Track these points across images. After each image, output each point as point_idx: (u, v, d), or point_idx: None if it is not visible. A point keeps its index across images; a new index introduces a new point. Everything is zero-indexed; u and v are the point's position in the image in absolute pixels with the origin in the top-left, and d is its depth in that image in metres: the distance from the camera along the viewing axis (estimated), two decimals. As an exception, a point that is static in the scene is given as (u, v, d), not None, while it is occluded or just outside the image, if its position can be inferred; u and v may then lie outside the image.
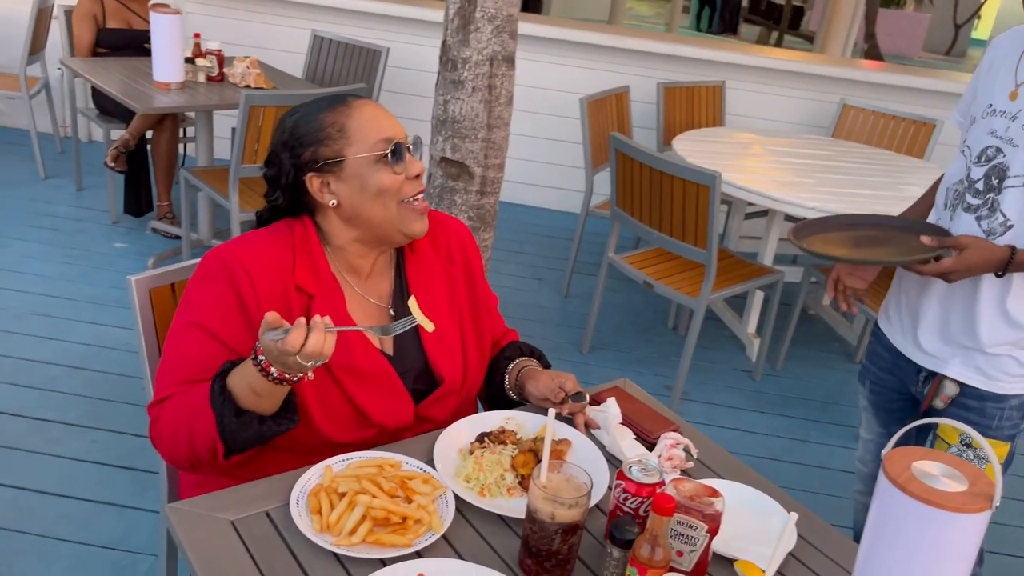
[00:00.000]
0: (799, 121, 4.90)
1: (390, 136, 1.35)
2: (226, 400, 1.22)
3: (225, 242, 1.38)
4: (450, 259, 1.53)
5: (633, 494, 1.16)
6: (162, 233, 4.01)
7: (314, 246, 1.38)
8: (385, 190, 1.35)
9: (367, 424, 1.38)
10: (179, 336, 1.33)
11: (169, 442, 1.30)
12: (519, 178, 4.90)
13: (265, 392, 1.22)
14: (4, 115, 5.16)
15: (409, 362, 1.44)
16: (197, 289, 1.35)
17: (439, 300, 1.49)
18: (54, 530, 2.19)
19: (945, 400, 1.71)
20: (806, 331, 3.92)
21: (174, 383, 1.31)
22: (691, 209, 2.87)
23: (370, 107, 1.38)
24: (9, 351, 2.93)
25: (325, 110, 1.37)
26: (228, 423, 1.21)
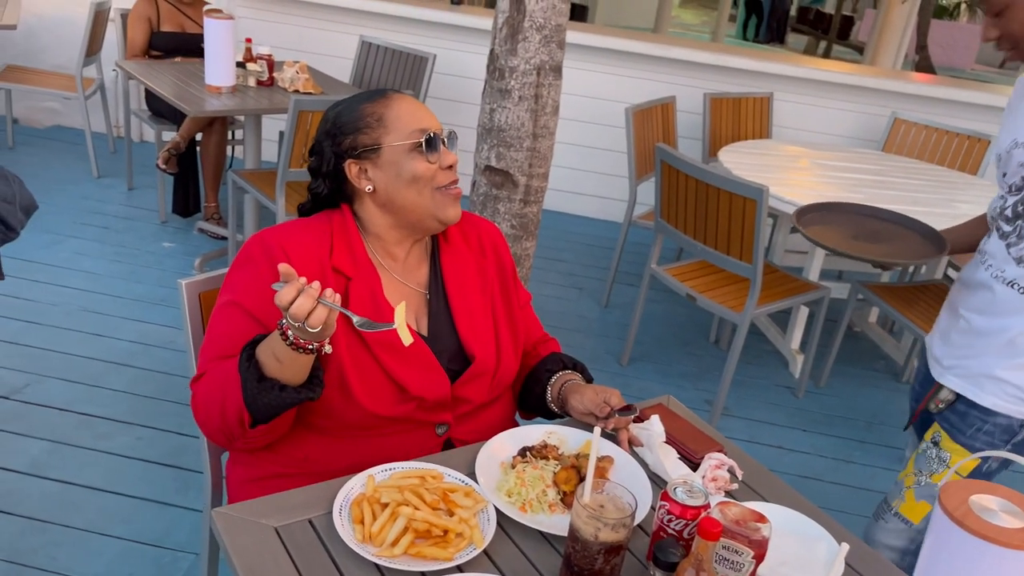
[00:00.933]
0: (849, 134, 4.81)
1: (425, 127, 1.42)
2: (251, 367, 1.26)
3: (267, 228, 1.44)
4: (482, 253, 1.59)
5: (678, 516, 1.14)
6: (209, 234, 4.08)
7: (352, 232, 1.45)
8: (419, 177, 1.41)
9: (407, 397, 1.41)
10: (218, 315, 1.39)
11: (204, 414, 1.34)
12: (562, 186, 4.90)
13: (287, 359, 1.24)
14: (60, 114, 5.30)
15: (443, 343, 1.49)
16: (237, 271, 1.41)
17: (472, 287, 1.54)
18: (98, 525, 2.23)
19: (938, 404, 1.73)
20: (851, 348, 3.85)
21: (211, 359, 1.36)
22: (737, 222, 2.83)
23: (408, 100, 1.45)
24: (59, 347, 3.00)
25: (365, 101, 1.45)
26: (250, 388, 1.25)
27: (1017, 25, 1.55)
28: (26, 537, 2.16)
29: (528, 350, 1.67)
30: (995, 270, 1.64)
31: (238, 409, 1.27)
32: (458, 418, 1.49)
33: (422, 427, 1.45)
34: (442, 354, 1.46)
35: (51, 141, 5.09)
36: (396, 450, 1.40)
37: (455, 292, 1.51)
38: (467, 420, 1.50)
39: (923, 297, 3.24)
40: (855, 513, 2.74)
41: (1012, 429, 1.64)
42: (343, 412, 1.38)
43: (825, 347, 3.52)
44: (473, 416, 1.51)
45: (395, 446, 1.41)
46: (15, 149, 4.83)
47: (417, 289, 1.50)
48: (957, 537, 0.94)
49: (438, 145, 1.43)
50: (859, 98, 4.75)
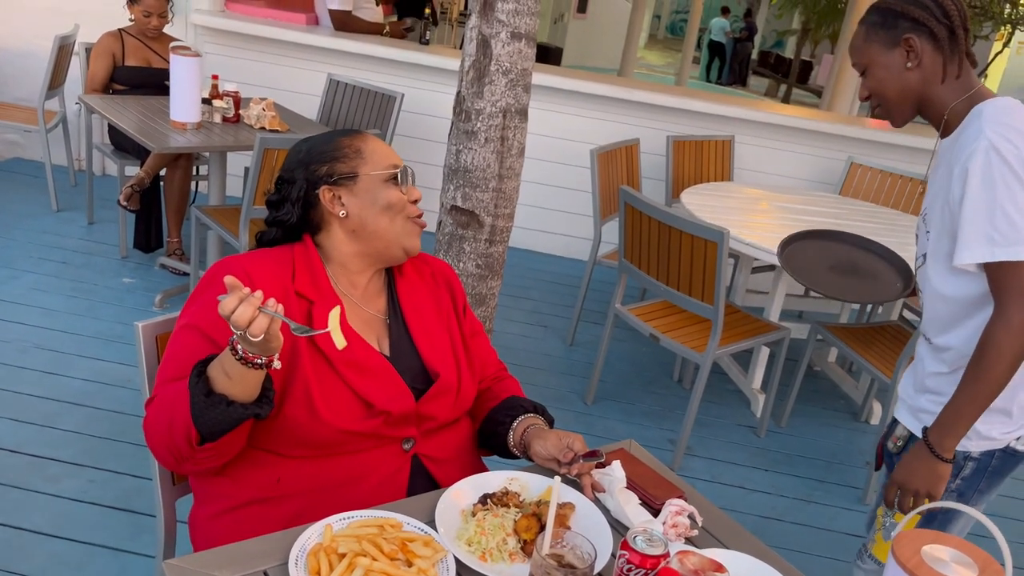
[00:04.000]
0: (807, 177, 4.93)
1: (396, 163, 1.54)
2: (200, 382, 1.25)
3: (231, 255, 1.48)
4: (435, 284, 1.66)
5: (637, 565, 1.14)
6: (171, 269, 4.02)
7: (314, 260, 1.49)
8: (393, 205, 1.50)
9: (373, 412, 1.42)
10: (174, 338, 1.41)
11: (153, 431, 1.34)
12: (528, 224, 4.93)
13: (236, 375, 1.24)
14: (21, 147, 5.22)
15: (405, 362, 1.52)
16: (199, 294, 1.43)
17: (428, 313, 1.60)
18: (47, 572, 2.16)
19: (895, 441, 1.76)
20: (811, 388, 3.90)
21: (165, 381, 1.36)
22: (699, 264, 2.87)
23: (379, 140, 1.57)
24: (10, 385, 2.92)
25: (341, 136, 1.55)
26: (197, 402, 1.24)
27: (875, 83, 1.63)
28: (-31, 585, 2.09)
29: (487, 382, 1.70)
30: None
31: (185, 426, 1.27)
32: (424, 434, 1.51)
33: (389, 443, 1.47)
34: (405, 373, 1.49)
35: (10, 173, 5.00)
36: (365, 467, 1.42)
37: (412, 316, 1.57)
38: (432, 436, 1.52)
39: (880, 338, 3.30)
40: (817, 554, 2.76)
41: (956, 463, 1.65)
42: (310, 431, 1.39)
43: (786, 386, 3.56)
44: (438, 433, 1.53)
45: (364, 463, 1.42)
46: (-28, 181, 4.75)
47: (377, 315, 1.54)
48: (910, 587, 0.95)
49: (407, 179, 1.54)
50: (817, 142, 4.87)
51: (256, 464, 1.42)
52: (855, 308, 4.25)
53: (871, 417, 3.70)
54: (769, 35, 24.87)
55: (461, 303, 1.67)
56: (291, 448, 1.40)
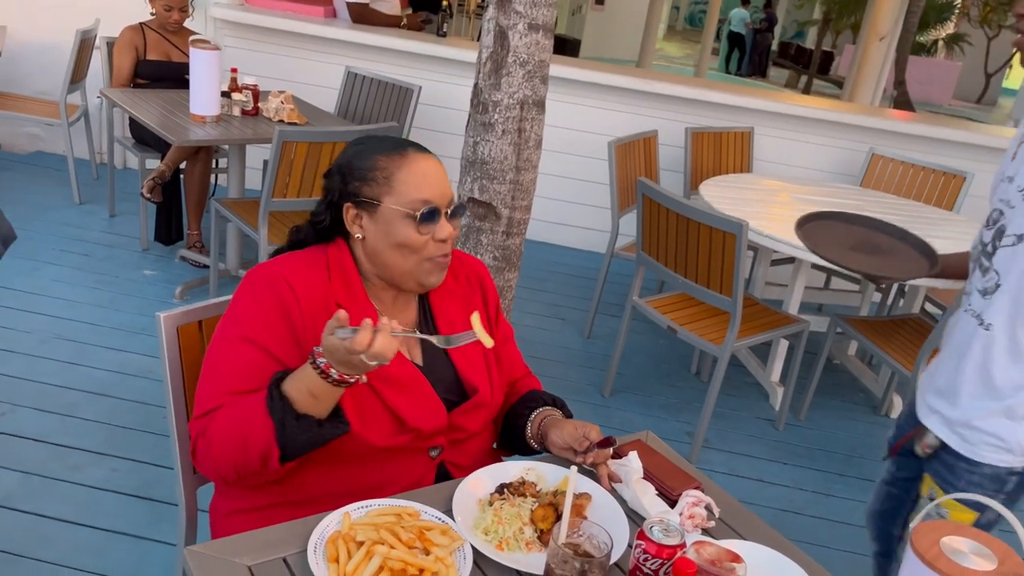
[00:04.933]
0: (828, 169, 4.88)
1: (428, 199, 1.40)
2: (285, 405, 1.25)
3: (267, 260, 1.44)
4: (469, 288, 1.61)
5: (654, 555, 1.14)
6: (190, 262, 4.06)
7: (348, 265, 1.45)
8: (406, 245, 1.41)
9: (403, 429, 1.41)
10: (227, 349, 1.37)
11: (219, 450, 1.31)
12: (544, 217, 4.92)
13: (323, 395, 1.26)
14: (43, 140, 5.28)
15: (439, 373, 1.49)
16: (243, 304, 1.39)
17: (461, 324, 1.54)
18: (70, 559, 2.20)
19: (925, 448, 1.72)
20: (831, 381, 3.87)
21: (223, 394, 1.34)
22: (717, 256, 2.86)
23: (423, 164, 1.43)
24: (33, 375, 2.96)
25: (382, 153, 1.44)
26: (289, 427, 1.25)
27: None
28: (-5, 571, 2.12)
29: (511, 384, 1.68)
30: (968, 305, 1.66)
31: (264, 446, 1.26)
32: (452, 443, 1.50)
33: (417, 452, 1.46)
34: (438, 385, 1.48)
35: (33, 167, 5.06)
36: (392, 474, 1.41)
37: (446, 329, 1.52)
38: (459, 445, 1.52)
39: (901, 331, 3.27)
40: (836, 547, 2.74)
41: (1000, 478, 1.61)
42: (341, 444, 1.37)
43: (805, 379, 3.54)
44: (465, 443, 1.52)
45: (390, 470, 1.42)
46: (-4, 174, 4.81)
47: (406, 329, 1.50)
48: (929, 579, 0.94)
49: (436, 218, 1.41)
50: (838, 134, 4.83)
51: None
52: (875, 301, 4.21)
53: (891, 411, 3.67)
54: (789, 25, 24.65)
55: (493, 306, 1.64)
56: (318, 456, 1.38)
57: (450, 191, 1.45)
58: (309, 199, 3.26)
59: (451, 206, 1.44)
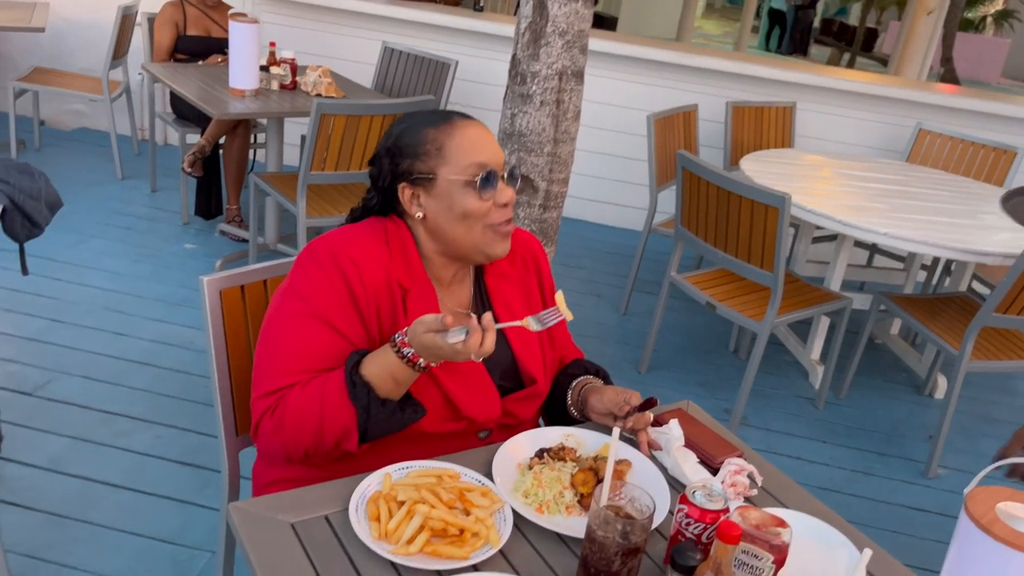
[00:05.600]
0: (872, 145, 4.78)
1: (484, 162, 1.36)
2: (370, 392, 1.26)
3: (327, 233, 1.41)
4: (525, 269, 1.57)
5: (696, 520, 1.13)
6: (230, 236, 4.10)
7: (408, 244, 1.42)
8: (470, 213, 1.37)
9: (457, 417, 1.40)
10: (292, 325, 1.34)
11: (292, 430, 1.30)
12: (581, 193, 4.89)
13: (405, 380, 1.28)
14: (86, 117, 5.37)
15: (496, 358, 1.44)
16: (307, 279, 1.36)
17: (518, 307, 1.52)
18: (116, 521, 2.25)
19: None
20: (872, 360, 3.81)
21: (295, 372, 1.32)
22: (758, 231, 2.82)
23: (473, 130, 1.40)
24: (82, 345, 3.03)
25: (429, 125, 1.40)
26: (374, 413, 1.26)
27: None
28: (44, 532, 2.18)
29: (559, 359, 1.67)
30: None
31: (342, 430, 1.27)
32: (500, 427, 1.49)
33: (466, 436, 1.45)
34: (494, 370, 1.46)
35: (77, 143, 5.15)
36: (438, 453, 1.39)
37: (504, 313, 1.49)
38: (508, 430, 1.49)
39: (947, 309, 3.20)
40: (876, 526, 2.70)
41: None
42: None
43: (846, 358, 3.49)
44: (515, 428, 1.50)
45: (437, 449, 1.40)
46: (41, 150, 4.90)
47: (459, 311, 1.48)
48: (983, 544, 0.92)
49: (495, 182, 1.37)
50: (883, 108, 4.72)
51: None
52: (919, 281, 4.13)
53: (935, 391, 3.60)
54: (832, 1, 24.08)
55: (548, 287, 1.60)
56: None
57: (502, 154, 1.41)
58: (347, 172, 3.27)
59: (506, 169, 1.40)
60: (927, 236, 2.90)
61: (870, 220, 2.99)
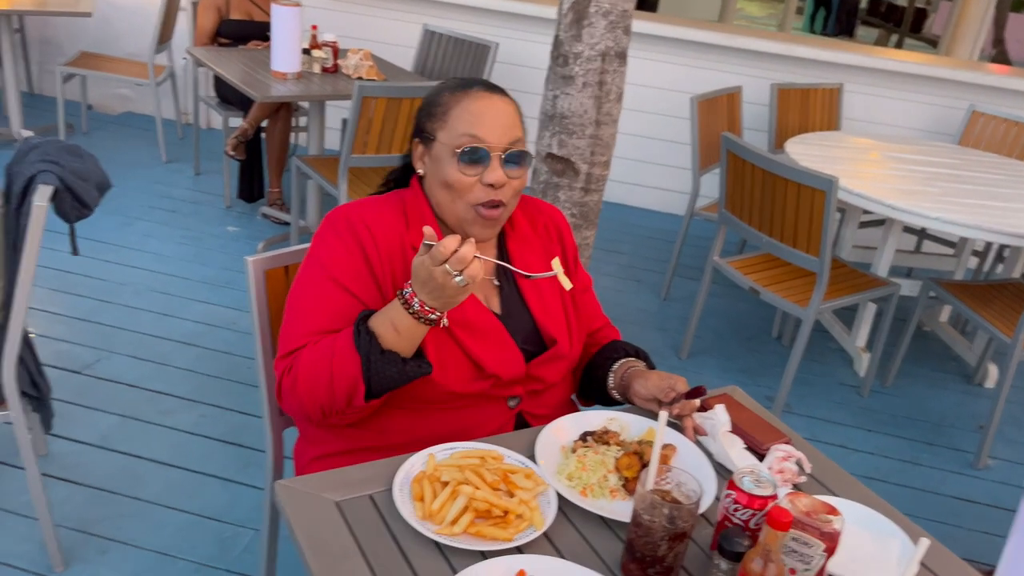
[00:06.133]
0: (922, 127, 4.65)
1: (477, 135, 1.35)
2: (372, 340, 1.26)
3: (344, 204, 1.44)
4: (548, 238, 1.58)
5: (744, 505, 1.11)
6: (272, 219, 4.14)
7: (424, 208, 1.44)
8: (451, 184, 1.38)
9: (482, 375, 1.41)
10: (309, 289, 1.38)
11: (306, 387, 1.31)
12: (622, 177, 4.84)
13: (407, 331, 1.27)
14: (132, 101, 5.45)
15: (517, 322, 1.47)
16: (324, 246, 1.40)
17: (540, 271, 1.51)
18: (163, 497, 2.29)
19: None
20: (920, 348, 3.72)
21: (308, 333, 1.35)
22: (804, 214, 2.76)
23: (483, 102, 1.39)
24: (129, 325, 3.08)
25: (447, 89, 1.42)
26: (375, 362, 1.26)
27: None
28: (94, 507, 2.23)
29: (590, 335, 1.66)
30: None
31: (351, 383, 1.27)
32: (529, 393, 1.49)
33: (495, 401, 1.46)
34: (516, 334, 1.46)
35: (123, 127, 5.23)
36: (470, 422, 1.41)
37: (522, 278, 1.50)
38: (537, 396, 1.50)
39: (1000, 296, 3.11)
40: (922, 517, 2.65)
41: None
42: (421, 388, 1.38)
43: (892, 346, 3.41)
44: (543, 393, 1.51)
45: (469, 418, 1.42)
46: (89, 134, 4.98)
47: (484, 277, 1.48)
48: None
49: (483, 159, 1.35)
50: (935, 90, 4.58)
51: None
52: (970, 267, 4.02)
53: (986, 380, 3.51)
54: (880, -18, 23.45)
55: (572, 256, 1.61)
56: (399, 401, 1.39)
57: (514, 135, 1.38)
58: (388, 155, 3.27)
59: (509, 149, 1.37)
60: (979, 220, 2.82)
61: (920, 204, 2.91)
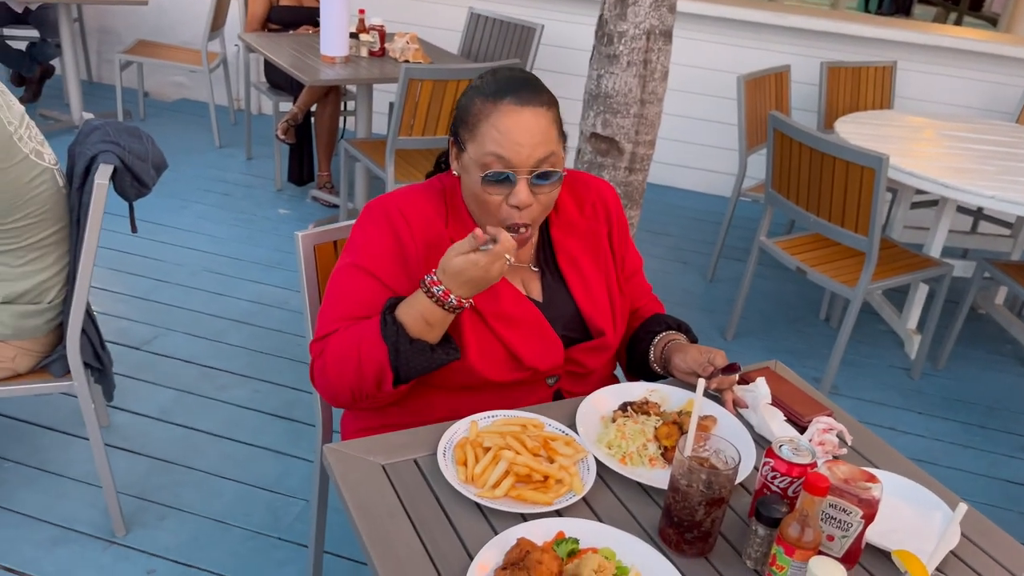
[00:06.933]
0: (978, 106, 4.53)
1: (503, 156, 1.31)
2: (399, 330, 1.29)
3: (385, 193, 1.46)
4: (595, 218, 1.54)
5: (783, 473, 1.12)
6: (321, 202, 4.22)
7: (459, 201, 1.44)
8: (479, 199, 1.37)
9: (520, 367, 1.42)
10: (342, 277, 1.41)
11: (335, 372, 1.35)
12: (667, 159, 4.81)
13: (436, 320, 1.29)
14: (186, 88, 5.58)
15: (558, 310, 1.47)
16: (361, 234, 1.43)
17: (585, 261, 1.51)
18: (218, 468, 2.37)
19: None
20: (974, 330, 3.64)
21: (338, 319, 1.39)
22: (853, 193, 2.72)
23: (511, 119, 1.32)
24: (185, 303, 3.18)
25: (481, 95, 1.35)
26: (403, 351, 1.28)
27: None
28: (154, 476, 2.32)
29: (633, 311, 1.66)
30: None
31: (379, 369, 1.30)
32: (567, 374, 1.50)
33: (535, 384, 1.47)
34: (556, 321, 1.46)
35: (178, 113, 5.37)
36: (508, 400, 1.43)
37: (568, 266, 1.49)
38: (577, 378, 1.51)
39: (1058, 277, 3.03)
40: (974, 499, 2.60)
41: None
42: (460, 376, 1.40)
43: (945, 328, 3.34)
44: (584, 377, 1.52)
45: (508, 397, 1.43)
46: (146, 120, 5.13)
47: (521, 265, 1.48)
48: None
49: (506, 181, 1.32)
50: (992, 67, 4.45)
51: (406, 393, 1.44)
52: (1029, 248, 3.91)
53: None
54: (939, -42, 22.70)
55: (620, 234, 1.56)
56: (439, 382, 1.41)
57: (544, 151, 1.32)
58: (434, 137, 3.31)
59: (536, 170, 1.32)
60: (1038, 199, 2.74)
61: (975, 183, 2.85)
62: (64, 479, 2.27)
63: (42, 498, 2.19)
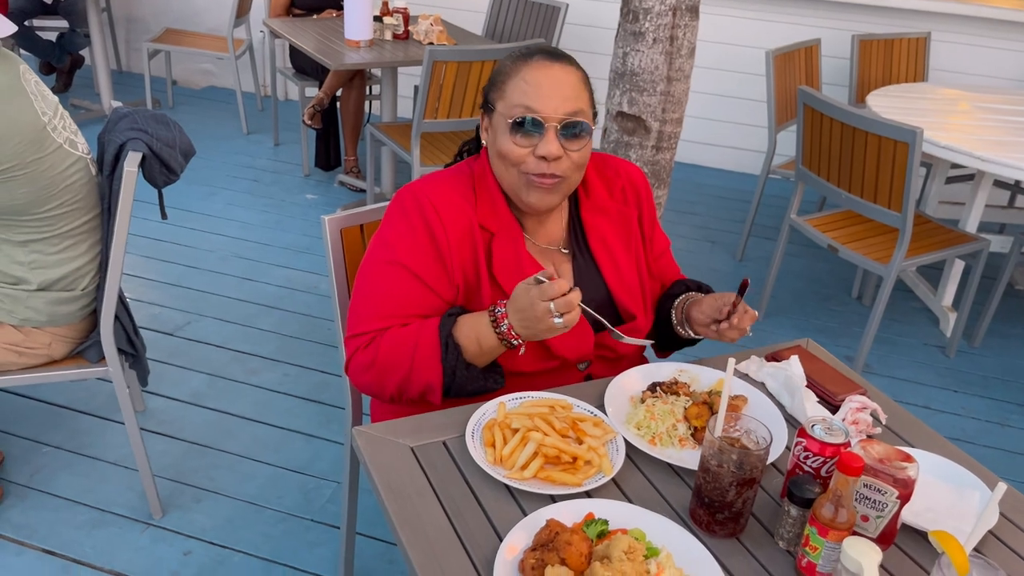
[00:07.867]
0: (1016, 77, 4.40)
1: (531, 106, 1.32)
2: (459, 356, 1.31)
3: (414, 181, 1.44)
4: (624, 201, 1.53)
5: (816, 453, 1.10)
6: (348, 186, 4.24)
7: (491, 183, 1.42)
8: (504, 155, 1.36)
9: (550, 356, 1.41)
10: (380, 273, 1.39)
11: (380, 374, 1.35)
12: (695, 137, 4.75)
13: (489, 348, 1.31)
14: (214, 75, 5.62)
15: (590, 293, 1.45)
16: (392, 228, 1.41)
17: (616, 244, 1.50)
18: (251, 451, 2.40)
19: None
20: (1012, 307, 3.57)
21: (381, 317, 1.37)
22: (886, 168, 2.67)
23: (540, 72, 1.34)
24: (216, 289, 3.22)
25: (511, 58, 1.39)
26: (459, 376, 1.31)
27: None
28: (189, 459, 2.36)
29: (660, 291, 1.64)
30: None
31: (426, 385, 1.32)
32: (599, 359, 1.49)
33: (566, 369, 1.46)
34: (588, 304, 1.43)
35: (206, 100, 5.41)
36: (539, 384, 1.42)
37: (599, 248, 1.48)
38: (608, 363, 1.50)
39: (1100, 251, 2.95)
40: (1012, 479, 2.55)
41: None
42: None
43: (981, 305, 3.28)
44: (614, 361, 1.51)
45: (538, 381, 1.42)
46: (174, 108, 5.17)
47: (551, 248, 1.47)
48: None
49: (534, 130, 1.32)
50: (1031, 36, 4.33)
51: None
52: (1069, 222, 3.81)
53: None
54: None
55: (649, 218, 1.56)
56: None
57: (574, 106, 1.33)
58: (459, 120, 3.29)
59: (565, 122, 1.32)
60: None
61: (1013, 155, 2.77)
62: (102, 463, 2.31)
63: (81, 481, 2.24)
